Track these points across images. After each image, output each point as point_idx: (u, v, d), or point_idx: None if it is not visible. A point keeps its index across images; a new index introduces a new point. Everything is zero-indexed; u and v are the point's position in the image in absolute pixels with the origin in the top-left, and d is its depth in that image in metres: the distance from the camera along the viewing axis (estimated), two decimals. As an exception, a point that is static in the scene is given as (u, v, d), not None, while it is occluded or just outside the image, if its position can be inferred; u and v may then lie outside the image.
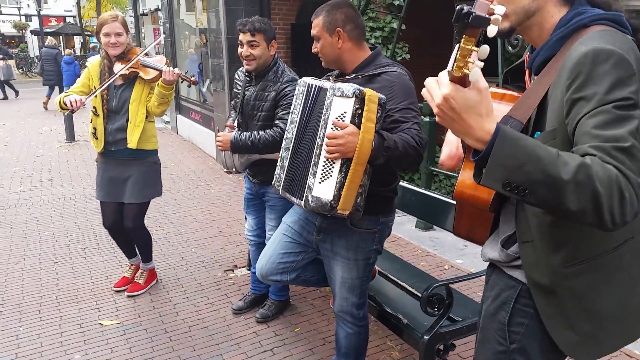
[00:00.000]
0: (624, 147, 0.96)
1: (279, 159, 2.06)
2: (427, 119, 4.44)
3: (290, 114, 2.05)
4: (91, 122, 3.12)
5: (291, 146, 2.00)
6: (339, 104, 1.80)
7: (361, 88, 1.77)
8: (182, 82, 3.07)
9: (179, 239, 4.41)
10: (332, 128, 1.81)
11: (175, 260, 3.93)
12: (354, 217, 1.90)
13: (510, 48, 3.55)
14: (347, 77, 2.02)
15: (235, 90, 2.89)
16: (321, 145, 1.84)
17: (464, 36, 0.84)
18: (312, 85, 1.95)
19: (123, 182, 3.17)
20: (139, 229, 3.31)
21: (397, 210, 4.64)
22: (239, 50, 2.66)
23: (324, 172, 1.84)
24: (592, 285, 1.16)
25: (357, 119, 1.76)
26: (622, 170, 0.95)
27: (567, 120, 1.05)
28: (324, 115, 1.84)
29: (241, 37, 2.63)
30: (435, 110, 1.00)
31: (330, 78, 2.12)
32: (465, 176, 1.22)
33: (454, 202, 2.48)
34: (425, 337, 2.08)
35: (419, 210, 2.90)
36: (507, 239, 1.26)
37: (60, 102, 2.94)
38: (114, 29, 2.95)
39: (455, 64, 0.90)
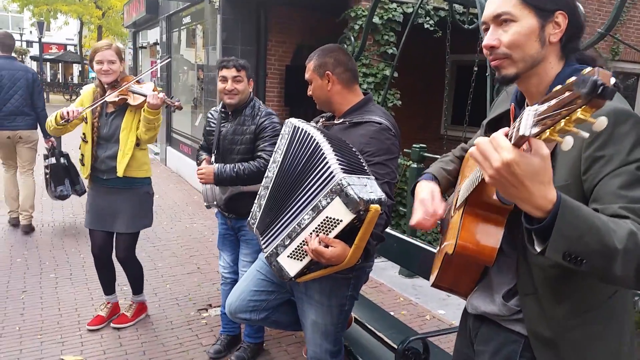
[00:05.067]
0: None
1: (257, 197, 2.02)
2: (414, 165, 4.44)
3: (274, 153, 2.00)
4: (80, 148, 3.09)
5: (270, 186, 1.95)
6: (338, 208, 1.64)
7: (369, 200, 1.60)
8: (166, 107, 3.03)
9: (154, 273, 4.28)
10: (317, 238, 1.69)
11: (148, 296, 3.78)
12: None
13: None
14: (335, 122, 2.02)
15: (208, 128, 2.91)
16: (302, 229, 1.74)
17: (584, 106, 0.78)
18: (306, 134, 1.83)
19: (114, 211, 3.10)
20: (130, 260, 3.26)
21: (379, 255, 4.54)
22: (221, 85, 2.71)
23: (296, 254, 1.79)
24: (592, 336, 1.18)
25: (349, 228, 1.66)
26: None
27: (585, 177, 1.08)
28: (320, 203, 1.69)
29: (225, 72, 2.69)
30: (490, 172, 0.94)
31: (321, 120, 2.12)
32: (468, 231, 1.20)
33: (435, 250, 2.44)
34: (398, 392, 1.98)
35: (400, 257, 2.83)
36: (507, 292, 1.25)
37: (57, 115, 2.90)
38: (107, 57, 2.95)
39: (552, 129, 0.82)
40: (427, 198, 1.44)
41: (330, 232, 1.67)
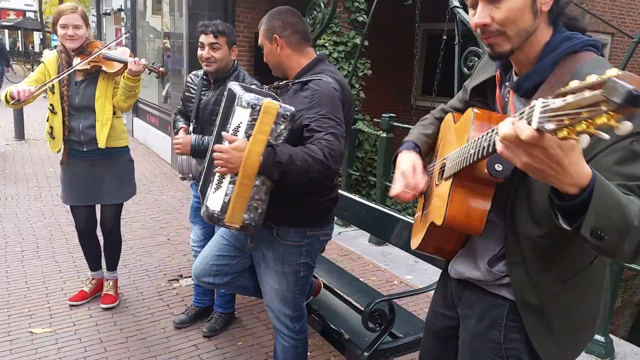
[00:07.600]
0: None
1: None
2: (384, 135, 4.47)
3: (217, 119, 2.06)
4: (47, 120, 2.94)
5: (210, 148, 1.98)
6: (239, 114, 1.74)
7: (261, 97, 1.72)
8: (149, 73, 2.90)
9: (123, 245, 4.14)
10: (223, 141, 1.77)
11: (118, 268, 3.75)
12: (248, 232, 1.91)
13: (466, 70, 3.62)
14: (279, 83, 2.01)
15: (187, 94, 2.80)
16: None
17: (611, 112, 0.73)
18: (230, 89, 1.93)
19: (98, 183, 3.01)
20: (116, 231, 3.23)
21: (350, 224, 4.59)
22: (199, 52, 2.60)
23: (217, 183, 1.81)
24: (576, 299, 1.23)
25: (250, 130, 1.72)
26: None
27: None
28: (228, 125, 1.79)
29: (203, 38, 2.58)
30: (524, 159, 0.88)
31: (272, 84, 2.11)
32: (457, 204, 1.19)
33: (405, 219, 2.49)
34: (365, 353, 2.05)
35: (370, 225, 2.88)
36: (491, 258, 1.27)
37: (7, 94, 2.73)
38: (72, 21, 2.79)
39: (571, 130, 0.77)
40: (408, 170, 1.41)
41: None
